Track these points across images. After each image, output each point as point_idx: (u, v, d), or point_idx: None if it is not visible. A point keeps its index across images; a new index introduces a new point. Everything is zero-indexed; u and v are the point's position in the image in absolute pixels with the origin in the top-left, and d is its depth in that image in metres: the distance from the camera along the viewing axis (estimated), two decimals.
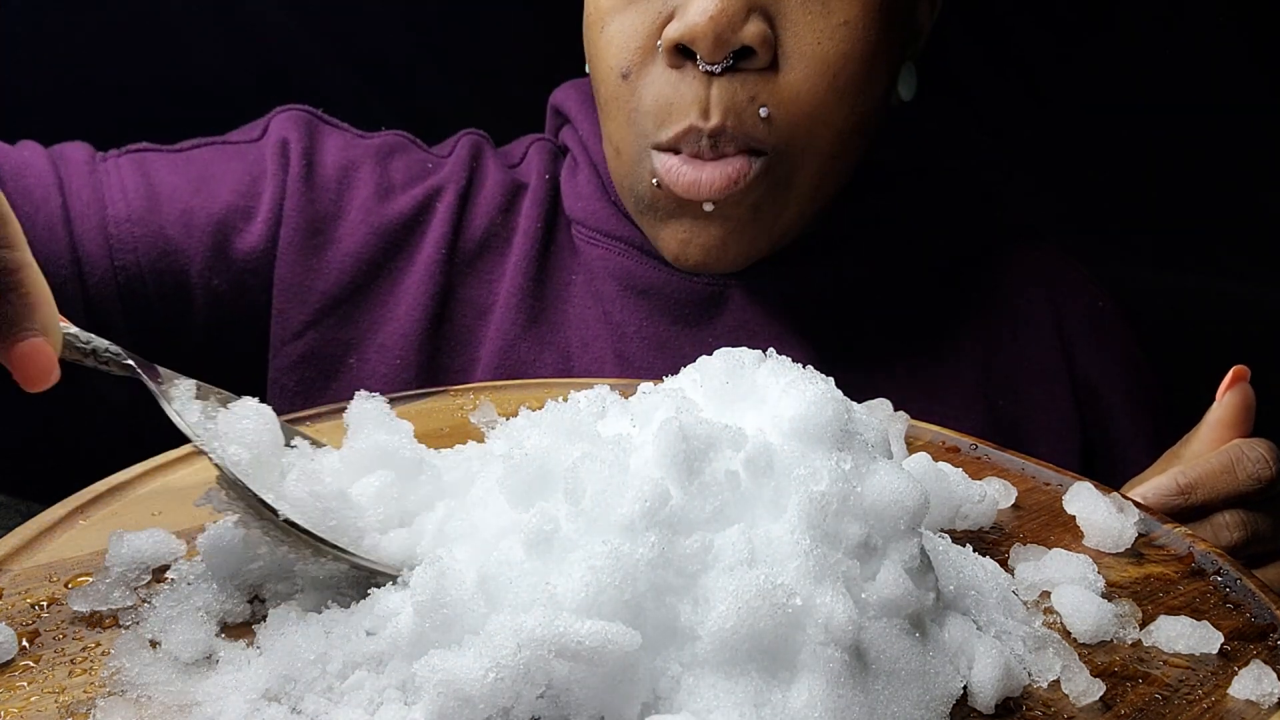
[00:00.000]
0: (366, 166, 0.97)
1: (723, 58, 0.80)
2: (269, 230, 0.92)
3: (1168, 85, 1.46)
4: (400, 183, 0.97)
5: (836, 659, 0.44)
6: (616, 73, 0.85)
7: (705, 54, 0.79)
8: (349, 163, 0.97)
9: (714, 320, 0.95)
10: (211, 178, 0.93)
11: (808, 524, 0.47)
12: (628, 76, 0.85)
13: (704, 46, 0.79)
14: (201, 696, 0.45)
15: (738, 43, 0.79)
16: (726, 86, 0.81)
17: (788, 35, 0.81)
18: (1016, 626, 0.53)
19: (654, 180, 0.85)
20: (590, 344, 0.95)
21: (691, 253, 0.88)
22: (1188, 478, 0.71)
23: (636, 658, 0.43)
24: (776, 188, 0.86)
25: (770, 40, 0.81)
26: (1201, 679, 0.52)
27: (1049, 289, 1.04)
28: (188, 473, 0.65)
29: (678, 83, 0.83)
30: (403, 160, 1.00)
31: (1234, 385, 0.76)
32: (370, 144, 1.00)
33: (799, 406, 0.51)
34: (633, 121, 0.86)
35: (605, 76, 0.87)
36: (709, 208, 0.84)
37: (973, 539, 0.63)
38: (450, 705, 0.42)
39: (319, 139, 0.97)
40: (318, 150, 0.97)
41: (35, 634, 0.49)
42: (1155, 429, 1.01)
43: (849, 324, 0.97)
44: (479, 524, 0.51)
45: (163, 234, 0.90)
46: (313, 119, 0.99)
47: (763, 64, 0.81)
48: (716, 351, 0.57)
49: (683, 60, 0.82)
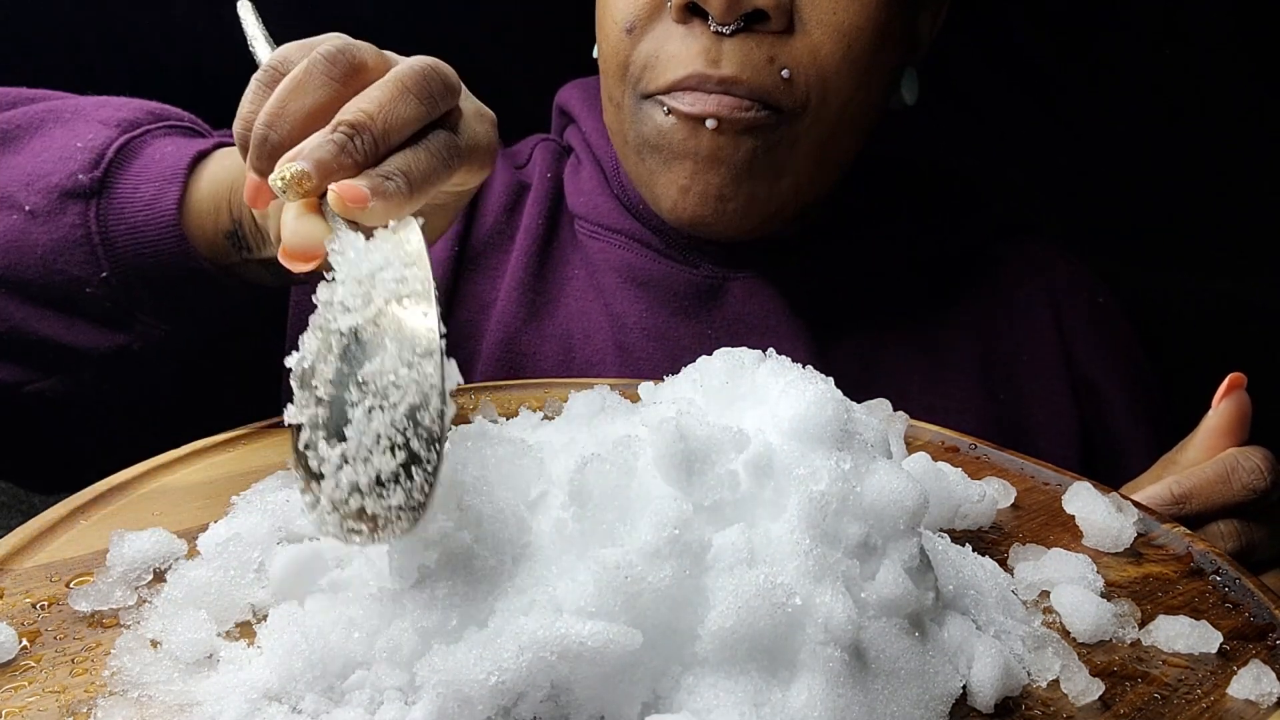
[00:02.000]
0: None
1: (735, 18, 0.80)
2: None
3: (1168, 84, 1.46)
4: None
5: (836, 658, 0.44)
6: (620, 27, 0.86)
7: (717, 14, 0.80)
8: None
9: (713, 312, 0.95)
10: None
11: (807, 524, 0.47)
12: (631, 31, 0.85)
13: (716, 5, 0.79)
14: (202, 696, 0.45)
15: (750, 5, 0.80)
16: (741, 44, 0.81)
17: (803, 2, 0.82)
18: (1016, 626, 0.53)
19: (662, 109, 0.85)
20: (591, 335, 0.95)
21: (691, 202, 0.87)
22: (1182, 487, 0.71)
23: (637, 658, 0.43)
24: (779, 145, 0.86)
25: (785, 5, 0.81)
26: (1200, 678, 0.52)
27: (1048, 284, 1.04)
28: (188, 473, 0.65)
29: (684, 36, 0.83)
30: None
31: (1230, 393, 0.76)
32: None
33: (799, 406, 0.51)
34: (629, 73, 0.86)
35: (609, 32, 0.87)
36: (711, 124, 0.83)
37: (972, 539, 0.63)
38: (450, 705, 0.42)
39: None
40: None
41: (36, 634, 0.49)
42: (1154, 425, 1.01)
43: (848, 318, 0.97)
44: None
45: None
46: None
47: (777, 28, 0.82)
48: (717, 351, 0.57)
49: (690, 18, 0.83)
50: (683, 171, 0.87)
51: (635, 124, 0.88)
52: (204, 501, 0.61)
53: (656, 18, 0.85)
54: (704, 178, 0.86)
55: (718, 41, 0.82)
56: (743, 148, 0.85)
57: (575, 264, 0.99)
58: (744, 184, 0.87)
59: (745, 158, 0.86)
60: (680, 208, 0.88)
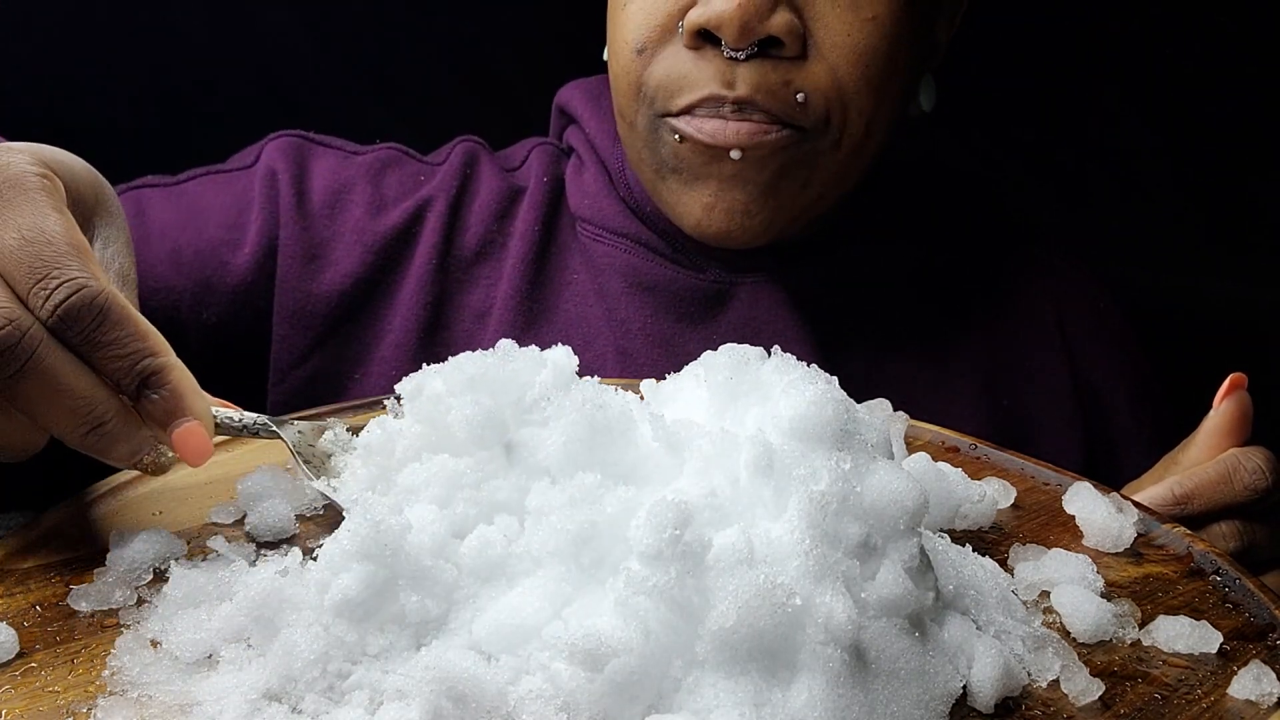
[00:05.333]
0: (359, 185, 0.97)
1: (748, 44, 0.80)
2: (258, 260, 0.93)
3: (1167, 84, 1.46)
4: (393, 197, 0.97)
5: (836, 658, 0.44)
6: (632, 48, 0.85)
7: (731, 40, 0.80)
8: (341, 184, 0.97)
9: (718, 317, 0.95)
10: (201, 211, 0.93)
11: (808, 523, 0.47)
12: (643, 52, 0.85)
13: (730, 32, 0.79)
14: (202, 696, 0.45)
15: (764, 32, 0.80)
16: (755, 69, 0.81)
17: (817, 27, 0.82)
18: (1016, 626, 0.53)
19: (675, 136, 0.85)
20: (593, 341, 0.94)
21: (716, 219, 0.87)
22: (1184, 488, 0.71)
23: (639, 659, 0.43)
24: (803, 162, 0.86)
25: (799, 31, 0.81)
26: (1201, 679, 0.52)
27: (1053, 290, 1.04)
28: (188, 473, 0.65)
29: (696, 60, 0.83)
30: (396, 174, 0.99)
31: (1231, 393, 0.75)
32: (363, 160, 0.99)
33: (799, 406, 0.51)
34: (642, 94, 0.86)
35: (619, 51, 0.87)
36: (736, 155, 0.83)
37: (972, 539, 0.63)
38: (449, 706, 0.42)
39: (309, 164, 0.97)
40: (308, 176, 0.97)
41: (36, 634, 0.49)
42: (1156, 427, 1.01)
43: (853, 322, 0.97)
44: None
45: (152, 273, 0.90)
46: (303, 143, 0.99)
47: (791, 54, 0.81)
48: (721, 347, 0.57)
49: (703, 44, 0.82)
50: (706, 191, 0.86)
51: (652, 144, 0.88)
52: (204, 501, 0.61)
53: (668, 40, 0.84)
54: (729, 195, 0.86)
55: (731, 66, 0.82)
56: (768, 168, 0.85)
57: (575, 268, 0.98)
58: (769, 200, 0.87)
59: (770, 177, 0.86)
60: (705, 224, 0.88)
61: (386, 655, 0.46)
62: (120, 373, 0.54)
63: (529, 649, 0.45)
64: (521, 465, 0.54)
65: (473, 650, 0.46)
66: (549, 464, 0.53)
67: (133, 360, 0.54)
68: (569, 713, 0.43)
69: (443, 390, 0.57)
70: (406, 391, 0.59)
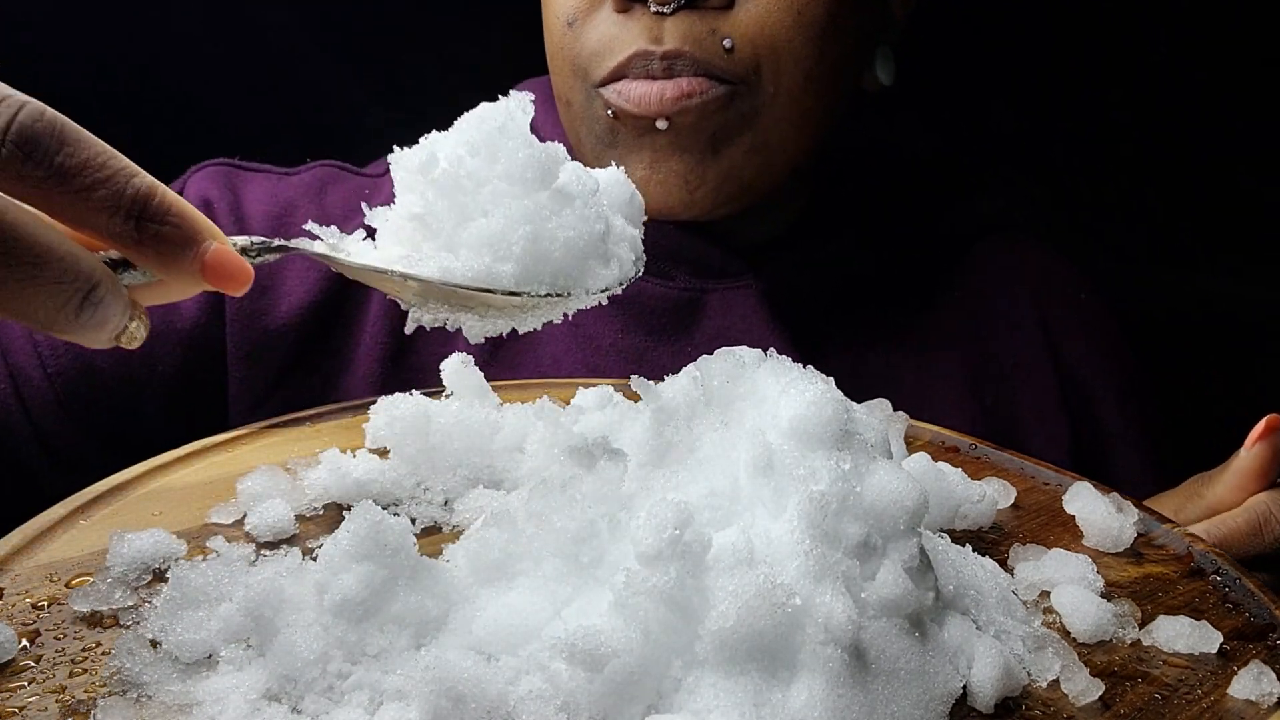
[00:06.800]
0: (302, 205, 0.93)
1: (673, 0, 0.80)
2: (205, 298, 0.88)
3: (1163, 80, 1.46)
4: (340, 215, 0.93)
5: (836, 659, 0.44)
6: (562, 21, 0.86)
7: None
8: (281, 206, 0.93)
9: (691, 329, 0.93)
10: None
11: (807, 524, 0.47)
12: (573, 24, 0.85)
13: None
14: (202, 696, 0.45)
15: None
16: (681, 20, 0.81)
17: None
18: (1016, 626, 0.53)
19: (609, 112, 0.85)
20: (561, 360, 0.92)
21: (654, 191, 0.85)
22: (1214, 538, 0.68)
23: (638, 659, 0.43)
24: (740, 122, 0.84)
25: None
26: (1201, 679, 0.52)
27: (1032, 283, 1.03)
28: (187, 473, 0.65)
29: (624, 22, 0.83)
30: (338, 191, 0.96)
31: (1267, 435, 0.72)
32: (299, 180, 0.96)
33: (798, 406, 0.51)
34: (576, 66, 0.86)
35: (552, 27, 0.87)
36: (662, 125, 0.83)
37: (972, 539, 0.63)
38: (449, 706, 0.42)
39: (241, 189, 0.94)
40: (243, 202, 0.93)
41: (36, 634, 0.49)
42: (1144, 420, 1.00)
43: (832, 324, 0.96)
44: None
45: None
46: (231, 170, 0.95)
47: (717, 4, 0.81)
48: (717, 351, 0.57)
49: (630, 5, 0.82)
50: (640, 163, 0.85)
51: (589, 121, 0.87)
52: (204, 501, 0.61)
53: (596, 8, 0.84)
54: (665, 166, 0.85)
55: (658, 22, 0.82)
56: (703, 133, 0.84)
57: None
58: (710, 167, 0.85)
59: (707, 142, 0.84)
60: (646, 197, 0.86)
61: (386, 655, 0.46)
62: (109, 201, 0.43)
63: (528, 649, 0.45)
64: None
65: (472, 650, 0.46)
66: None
67: (121, 180, 0.43)
68: (569, 713, 0.43)
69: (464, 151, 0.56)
70: (420, 163, 0.55)
